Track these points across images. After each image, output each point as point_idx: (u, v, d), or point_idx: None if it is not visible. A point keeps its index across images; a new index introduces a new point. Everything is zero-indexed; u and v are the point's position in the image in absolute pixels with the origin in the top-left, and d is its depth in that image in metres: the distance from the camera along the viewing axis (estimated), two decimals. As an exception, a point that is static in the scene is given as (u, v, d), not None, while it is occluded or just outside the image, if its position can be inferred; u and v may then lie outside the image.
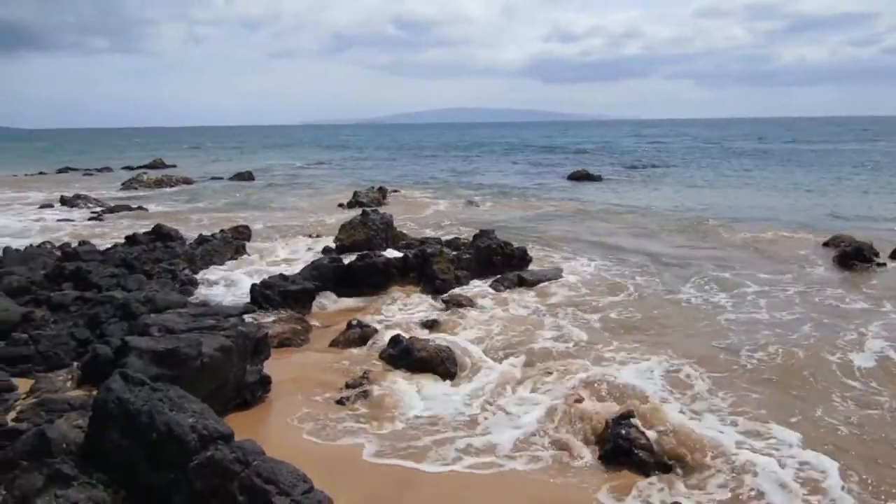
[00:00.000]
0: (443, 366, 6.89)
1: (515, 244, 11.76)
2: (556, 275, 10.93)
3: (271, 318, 8.38)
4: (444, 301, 9.42)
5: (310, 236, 14.65)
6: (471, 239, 11.97)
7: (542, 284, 10.42)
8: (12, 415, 4.95)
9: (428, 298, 9.69)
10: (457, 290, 9.94)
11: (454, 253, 11.13)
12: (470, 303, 9.36)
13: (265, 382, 6.29)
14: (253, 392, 6.14)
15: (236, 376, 5.97)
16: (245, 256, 12.49)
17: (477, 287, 10.26)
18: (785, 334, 7.87)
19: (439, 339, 7.72)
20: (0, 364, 5.79)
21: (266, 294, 8.96)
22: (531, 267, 11.30)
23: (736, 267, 11.52)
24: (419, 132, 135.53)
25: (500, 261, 11.13)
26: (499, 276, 10.70)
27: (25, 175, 33.71)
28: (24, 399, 5.31)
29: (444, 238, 12.74)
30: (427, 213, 19.46)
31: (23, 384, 5.64)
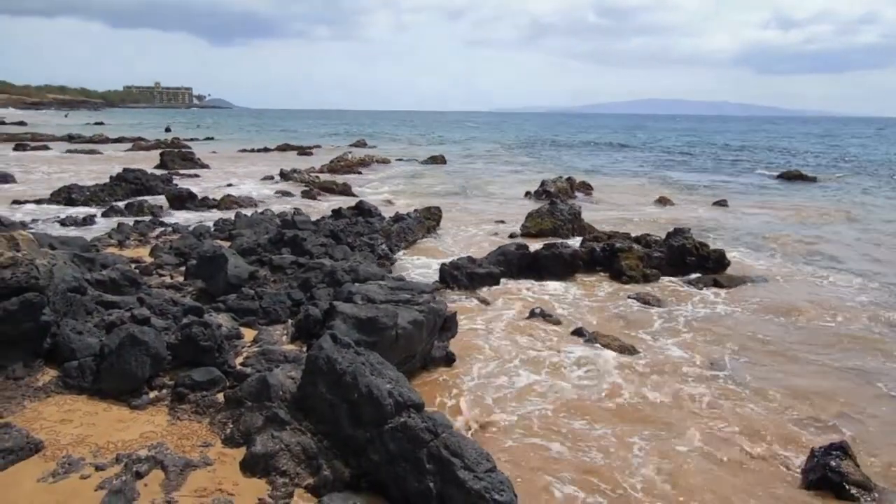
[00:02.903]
0: (626, 365, 6.67)
1: (712, 246, 10.99)
2: (756, 282, 10.02)
3: (457, 298, 8.71)
4: (630, 298, 9.09)
5: (496, 222, 14.92)
6: (663, 237, 11.39)
7: (739, 289, 9.62)
8: (239, 360, 5.68)
9: (614, 293, 9.42)
10: (645, 288, 9.55)
11: (644, 250, 10.68)
12: (658, 301, 8.94)
13: (449, 359, 6.56)
14: (437, 367, 6.44)
15: (424, 350, 6.30)
16: (435, 236, 13.08)
17: (667, 286, 9.77)
18: None
19: (624, 335, 7.50)
20: (231, 314, 6.67)
21: (454, 275, 9.31)
22: (729, 272, 10.48)
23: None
24: (615, 122, 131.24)
25: (695, 262, 10.47)
26: (691, 277, 10.08)
27: (252, 150, 38.23)
28: (249, 347, 6.08)
29: (633, 234, 12.24)
30: (617, 206, 18.87)
31: (248, 334, 6.45)
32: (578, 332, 7.41)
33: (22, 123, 62.18)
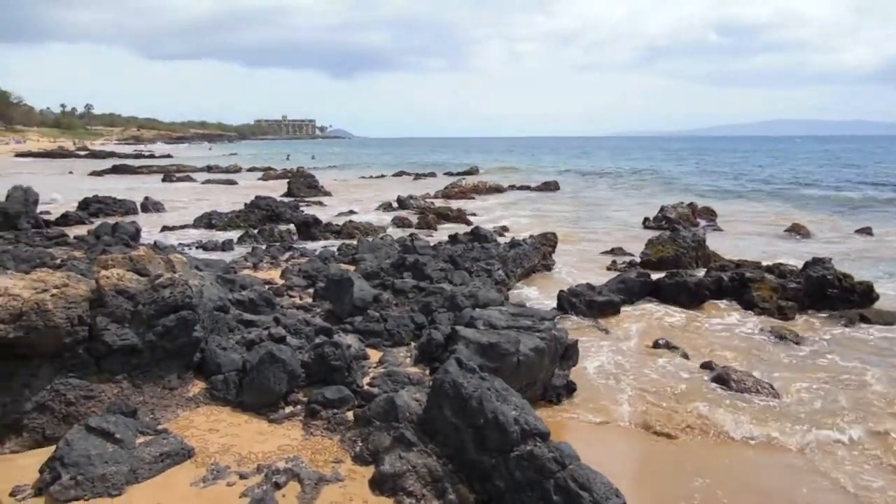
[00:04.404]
0: (762, 404, 6.24)
1: (857, 277, 10.10)
2: (913, 319, 9.07)
3: (576, 326, 8.56)
4: (763, 331, 8.53)
5: (613, 249, 14.55)
6: (798, 267, 10.63)
7: (892, 326, 8.73)
8: (366, 380, 5.89)
9: (744, 326, 8.87)
10: (781, 322, 8.92)
11: (778, 280, 10.00)
12: (796, 336, 8.32)
13: (570, 388, 6.44)
14: (558, 395, 6.34)
15: (545, 377, 6.23)
16: (550, 262, 12.95)
17: (806, 320, 9.09)
18: None
19: (758, 372, 7.02)
20: (358, 335, 6.94)
21: (572, 302, 9.17)
22: (878, 307, 9.56)
23: None
24: (739, 145, 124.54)
25: (837, 295, 9.64)
26: (833, 312, 9.30)
27: (371, 177, 39.92)
28: (374, 368, 6.29)
29: (764, 263, 11.50)
30: (744, 233, 17.84)
31: (373, 355, 6.68)
32: (707, 366, 7.04)
33: (168, 156, 68.70)
